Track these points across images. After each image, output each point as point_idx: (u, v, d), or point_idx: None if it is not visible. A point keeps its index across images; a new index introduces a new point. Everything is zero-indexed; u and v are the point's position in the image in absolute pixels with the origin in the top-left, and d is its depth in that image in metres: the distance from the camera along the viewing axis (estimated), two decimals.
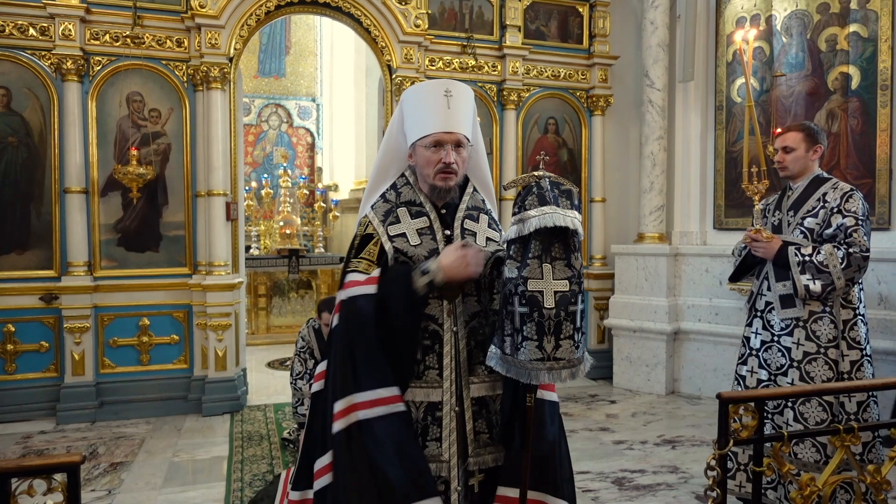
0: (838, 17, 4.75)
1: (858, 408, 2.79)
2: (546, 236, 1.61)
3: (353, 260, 1.87)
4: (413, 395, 1.82)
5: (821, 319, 2.82)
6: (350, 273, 1.85)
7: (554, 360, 1.60)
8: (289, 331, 7.92)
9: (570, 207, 1.65)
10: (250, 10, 4.90)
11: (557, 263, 1.62)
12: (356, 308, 1.78)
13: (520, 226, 1.63)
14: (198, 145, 4.89)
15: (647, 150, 5.65)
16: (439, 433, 1.81)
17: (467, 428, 1.84)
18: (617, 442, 4.25)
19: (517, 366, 1.63)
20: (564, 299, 1.60)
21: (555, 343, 1.60)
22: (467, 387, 1.84)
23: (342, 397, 1.74)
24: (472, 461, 1.84)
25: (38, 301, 4.63)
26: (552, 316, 1.59)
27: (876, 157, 4.54)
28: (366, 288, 1.79)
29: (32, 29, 4.57)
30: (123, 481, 3.56)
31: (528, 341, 1.60)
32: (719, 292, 5.27)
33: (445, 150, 1.82)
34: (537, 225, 1.59)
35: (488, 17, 5.76)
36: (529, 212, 1.62)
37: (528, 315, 1.59)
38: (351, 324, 1.78)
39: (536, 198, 1.63)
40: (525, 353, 1.60)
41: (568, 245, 1.64)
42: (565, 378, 1.63)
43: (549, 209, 1.61)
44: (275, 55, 9.57)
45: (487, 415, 1.87)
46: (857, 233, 2.77)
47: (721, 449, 1.52)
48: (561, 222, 1.59)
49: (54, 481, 1.22)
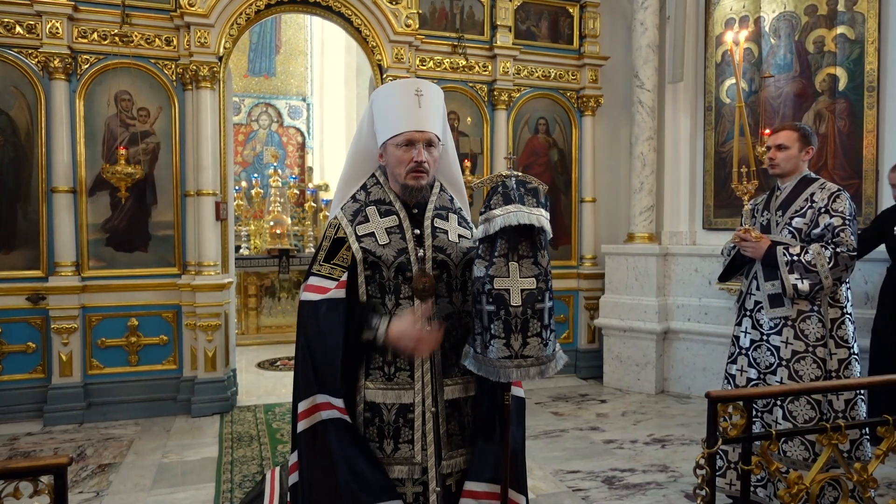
0: (826, 18, 4.80)
1: (846, 406, 2.82)
2: (512, 235, 1.62)
3: (325, 264, 1.85)
4: (385, 396, 1.81)
5: (809, 318, 2.85)
6: (316, 277, 1.84)
7: (522, 358, 1.61)
8: (279, 331, 7.89)
9: (537, 205, 1.66)
10: (240, 9, 4.87)
11: (524, 262, 1.63)
12: (318, 315, 1.79)
13: (486, 225, 1.64)
14: (187, 144, 4.86)
15: (636, 150, 5.68)
16: (411, 435, 1.81)
17: (441, 431, 1.84)
18: (607, 441, 4.26)
19: (487, 364, 1.64)
20: (531, 297, 1.61)
21: (522, 341, 1.61)
22: (441, 389, 1.84)
23: (306, 397, 1.78)
24: (445, 464, 1.84)
25: (25, 301, 4.59)
26: (519, 314, 1.60)
27: (863, 158, 4.59)
28: (334, 293, 1.80)
29: (19, 27, 4.52)
30: (112, 483, 3.53)
31: (496, 339, 1.61)
32: (708, 292, 5.31)
33: (417, 148, 1.82)
34: (502, 224, 1.60)
35: (479, 17, 5.76)
36: (494, 211, 1.63)
37: (494, 313, 1.60)
38: (311, 329, 1.79)
39: (501, 197, 1.65)
40: (493, 352, 1.62)
41: (535, 243, 1.65)
42: (534, 376, 1.64)
43: (513, 208, 1.62)
44: (265, 54, 9.53)
45: (460, 417, 1.87)
46: (844, 232, 2.80)
47: (710, 448, 1.53)
48: (525, 220, 1.60)
49: (41, 483, 1.20)
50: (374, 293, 1.83)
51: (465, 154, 5.67)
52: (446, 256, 1.86)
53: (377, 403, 1.81)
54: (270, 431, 4.45)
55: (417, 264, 1.82)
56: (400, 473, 1.80)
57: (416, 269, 1.81)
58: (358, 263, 1.82)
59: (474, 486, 1.81)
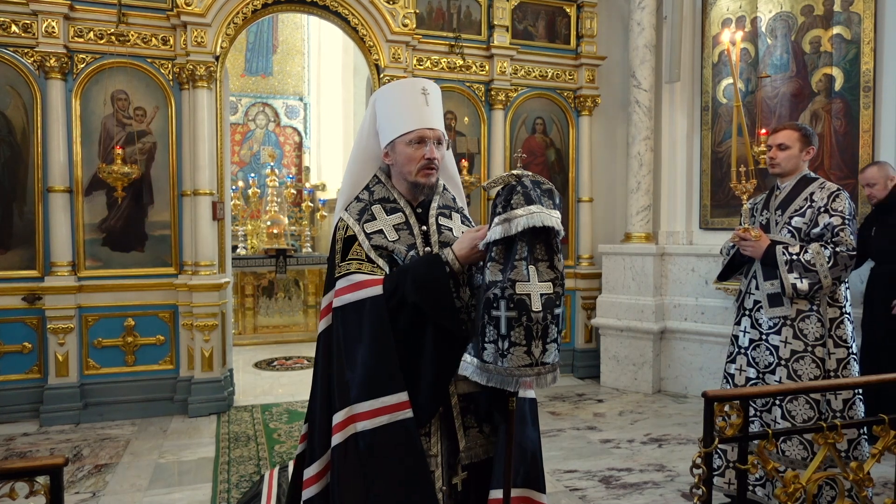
0: (822, 19, 4.81)
1: (844, 405, 2.82)
2: (530, 237, 1.55)
3: (342, 264, 1.81)
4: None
5: (808, 318, 2.85)
6: (344, 277, 1.79)
7: (541, 365, 1.55)
8: (276, 331, 7.89)
9: (553, 207, 1.61)
10: (237, 9, 4.87)
11: (541, 265, 1.56)
12: (365, 311, 1.71)
13: (505, 226, 1.55)
14: (184, 144, 4.85)
15: (633, 150, 5.69)
16: (429, 427, 1.80)
17: (456, 425, 1.82)
18: (604, 441, 4.27)
19: (501, 373, 1.54)
20: (550, 302, 1.54)
21: (542, 347, 1.54)
22: (453, 383, 1.82)
23: (341, 408, 1.71)
24: (463, 455, 1.83)
25: (21, 301, 4.57)
26: (540, 319, 1.52)
27: (859, 158, 4.60)
28: (370, 290, 1.73)
29: (15, 26, 4.51)
30: (108, 483, 3.53)
31: (516, 347, 1.52)
32: (705, 291, 5.32)
33: (429, 146, 1.82)
34: (525, 224, 1.53)
35: (476, 17, 5.76)
36: (517, 211, 1.55)
37: (515, 319, 1.52)
38: (359, 330, 1.72)
39: (522, 196, 1.57)
40: (512, 360, 1.53)
41: (551, 246, 1.59)
42: (550, 382, 1.58)
43: (535, 208, 1.55)
44: (262, 54, 9.52)
45: (476, 409, 1.86)
46: (843, 232, 2.80)
47: (707, 447, 1.54)
48: (549, 222, 1.55)
49: (37, 484, 1.20)
50: None
51: (462, 154, 5.67)
52: None
53: None
54: (267, 432, 4.45)
55: None
56: None
57: None
58: (375, 260, 1.80)
59: (499, 494, 1.74)
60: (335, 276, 1.82)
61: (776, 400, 2.86)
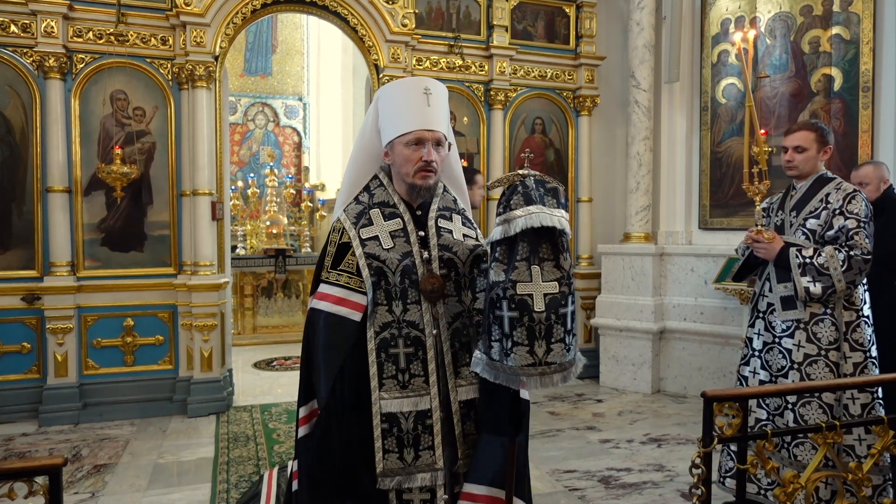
0: (821, 19, 4.81)
1: (863, 410, 2.74)
2: (533, 237, 1.53)
3: (332, 271, 1.82)
4: (401, 405, 1.77)
5: (822, 321, 2.79)
6: (327, 285, 1.82)
7: (545, 365, 1.53)
8: (275, 331, 7.89)
9: (557, 206, 1.58)
10: (236, 9, 4.86)
11: (546, 265, 1.55)
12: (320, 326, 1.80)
13: (505, 226, 1.55)
14: (183, 144, 4.85)
15: (633, 150, 5.69)
16: (432, 441, 1.77)
17: (456, 432, 1.81)
18: (603, 441, 4.27)
19: (506, 372, 1.55)
20: (555, 301, 1.53)
21: (546, 347, 1.53)
22: (454, 390, 1.81)
23: (305, 403, 1.80)
24: (461, 463, 1.82)
25: (20, 302, 4.57)
26: (542, 319, 1.51)
27: (858, 158, 4.60)
28: (350, 312, 1.78)
29: (14, 26, 4.51)
30: (107, 484, 3.52)
31: (519, 346, 1.52)
32: (704, 292, 5.32)
33: (426, 147, 1.80)
34: (524, 225, 1.52)
35: (475, 17, 5.76)
36: (515, 212, 1.54)
37: (517, 319, 1.52)
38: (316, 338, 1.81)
39: (522, 197, 1.55)
40: (515, 359, 1.52)
41: (556, 245, 1.56)
42: (557, 382, 1.56)
43: (535, 209, 1.53)
44: (261, 54, 9.52)
45: (475, 415, 1.85)
46: (858, 235, 2.73)
47: (706, 447, 1.54)
48: (548, 222, 1.53)
49: (36, 484, 1.20)
50: (381, 300, 1.79)
51: (462, 154, 5.67)
52: (453, 255, 1.84)
53: (394, 413, 1.76)
54: (267, 432, 4.45)
55: (423, 266, 1.80)
56: (423, 482, 1.76)
57: (423, 271, 1.79)
58: (362, 269, 1.79)
59: (473, 489, 1.74)
60: (320, 276, 1.86)
61: (788, 404, 2.80)
